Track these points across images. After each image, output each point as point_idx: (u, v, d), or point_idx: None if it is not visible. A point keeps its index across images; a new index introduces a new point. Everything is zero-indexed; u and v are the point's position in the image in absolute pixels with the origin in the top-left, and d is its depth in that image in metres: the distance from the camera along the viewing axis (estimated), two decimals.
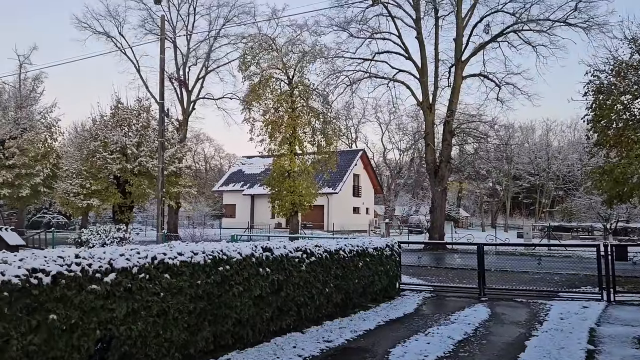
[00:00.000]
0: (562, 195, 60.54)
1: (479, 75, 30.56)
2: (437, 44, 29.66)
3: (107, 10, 36.71)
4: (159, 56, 19.15)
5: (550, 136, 66.90)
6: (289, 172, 27.81)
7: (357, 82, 30.74)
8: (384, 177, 67.48)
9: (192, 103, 37.81)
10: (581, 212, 41.98)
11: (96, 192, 24.52)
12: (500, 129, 39.39)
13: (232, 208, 50.49)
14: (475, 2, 28.95)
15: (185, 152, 31.73)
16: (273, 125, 27.88)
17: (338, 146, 31.96)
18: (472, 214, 72.19)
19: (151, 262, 5.42)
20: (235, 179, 51.86)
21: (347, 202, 47.64)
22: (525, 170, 63.09)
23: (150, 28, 36.95)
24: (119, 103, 26.08)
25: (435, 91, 29.97)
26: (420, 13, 29.34)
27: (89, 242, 17.62)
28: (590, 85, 16.83)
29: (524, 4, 27.98)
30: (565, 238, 33.68)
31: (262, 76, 28.41)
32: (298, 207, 28.09)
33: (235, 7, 37.23)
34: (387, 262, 11.28)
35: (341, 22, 29.66)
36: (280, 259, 7.49)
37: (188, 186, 28.76)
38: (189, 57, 37.56)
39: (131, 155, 24.56)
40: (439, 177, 28.88)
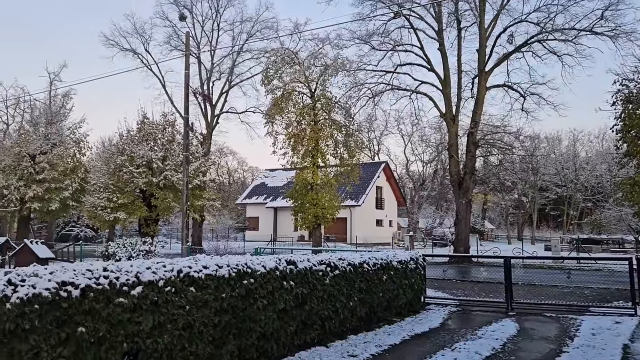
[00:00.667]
0: (591, 207, 59.07)
1: (503, 86, 30.22)
2: (460, 55, 29.49)
3: (134, 28, 37.68)
4: (183, 72, 19.49)
5: (577, 146, 65.64)
6: (312, 185, 27.86)
7: (379, 95, 30.73)
8: (407, 189, 67.02)
9: (216, 117, 38.33)
10: (611, 224, 40.86)
11: (123, 206, 24.95)
12: (526, 139, 38.67)
13: (255, 221, 50.73)
14: (498, 13, 28.74)
15: (209, 165, 32.10)
16: (295, 138, 28.05)
17: (360, 158, 31.93)
18: (498, 226, 70.96)
19: (177, 276, 5.47)
20: (258, 191, 52.18)
21: (370, 214, 47.41)
22: (552, 182, 61.83)
23: (176, 44, 37.76)
24: (145, 118, 26.60)
25: (459, 102, 29.73)
26: (442, 25, 29.25)
27: (116, 255, 17.90)
28: (618, 95, 16.50)
29: (548, 14, 27.66)
30: (595, 251, 32.80)
31: (284, 90, 28.68)
32: (321, 219, 28.07)
33: (258, 23, 37.82)
34: (412, 275, 11.14)
35: (363, 35, 29.77)
36: (304, 273, 7.47)
37: (212, 199, 29.05)
38: (213, 72, 38.19)
39: (157, 169, 24.97)
40: (463, 189, 28.52)
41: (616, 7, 25.65)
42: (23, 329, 3.92)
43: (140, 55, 37.72)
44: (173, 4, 37.71)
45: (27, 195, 29.78)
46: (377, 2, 29.62)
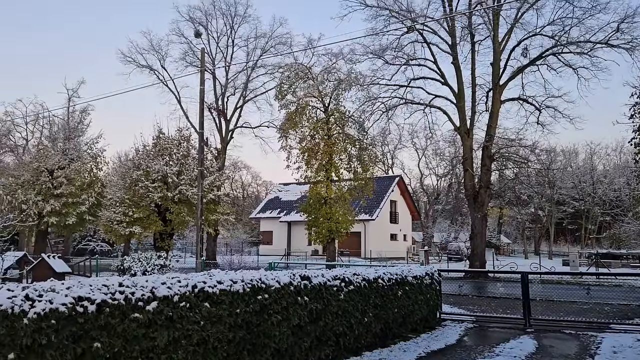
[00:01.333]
0: (610, 221, 58.07)
1: (517, 99, 30.04)
2: (474, 68, 29.43)
3: (151, 45, 38.35)
4: (198, 87, 19.76)
5: (594, 160, 64.77)
6: (326, 199, 27.85)
7: (392, 109, 30.72)
8: (421, 203, 66.62)
9: (230, 132, 38.67)
10: (631, 239, 40.11)
11: (138, 220, 25.17)
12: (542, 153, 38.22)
13: (269, 235, 50.76)
14: (512, 27, 28.69)
15: (223, 180, 32.32)
16: (309, 152, 28.14)
17: (374, 172, 31.88)
18: (514, 240, 70.04)
19: (192, 291, 5.47)
20: (272, 206, 52.27)
21: (384, 228, 47.15)
22: (569, 195, 61.00)
23: (191, 60, 38.33)
24: (161, 133, 26.94)
25: (473, 116, 29.59)
26: (456, 39, 29.27)
27: (131, 269, 18.00)
28: (636, 107, 16.31)
29: (563, 27, 27.53)
30: (615, 266, 32.13)
31: (298, 104, 28.86)
32: (335, 234, 27.99)
33: (272, 38, 38.28)
34: (427, 290, 11.02)
35: (376, 50, 29.89)
36: (318, 288, 7.43)
37: (226, 213, 29.18)
38: (228, 88, 38.62)
39: (172, 183, 25.20)
40: (479, 203, 28.26)
41: (632, 19, 25.48)
42: (40, 344, 3.94)
43: (157, 71, 38.38)
44: (189, 22, 38.41)
45: (45, 210, 30.22)
46: (390, 17, 29.81)
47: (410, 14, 29.49)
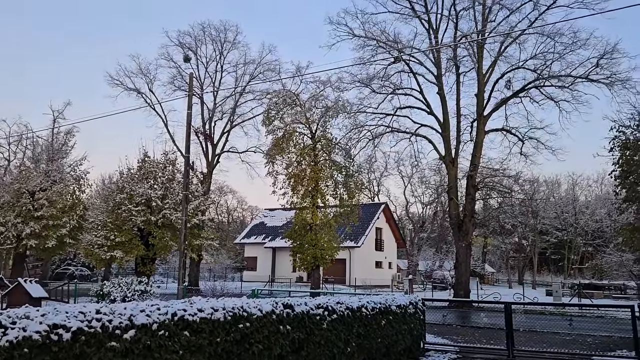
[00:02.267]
0: (592, 252, 58.65)
1: (501, 130, 30.56)
2: (459, 99, 29.98)
3: (139, 68, 38.45)
4: (186, 111, 19.77)
5: (576, 190, 65.73)
6: (311, 225, 27.75)
7: (379, 137, 31.05)
8: (406, 230, 66.67)
9: (216, 156, 38.63)
10: (612, 270, 40.48)
11: (120, 244, 24.78)
12: (525, 183, 38.83)
13: (253, 261, 50.24)
14: (495, 60, 29.40)
15: (208, 204, 32.11)
16: (295, 178, 28.15)
17: (360, 199, 31.93)
18: (498, 269, 70.19)
19: (171, 319, 5.36)
20: (257, 231, 51.90)
21: (369, 256, 46.99)
22: (552, 225, 61.61)
23: (179, 85, 38.50)
24: (146, 156, 26.79)
25: (458, 145, 30.01)
26: (441, 69, 29.86)
27: (111, 295, 17.61)
28: (616, 141, 16.70)
29: (544, 61, 28.29)
30: (597, 297, 32.31)
31: (285, 130, 28.99)
32: (320, 261, 27.80)
33: (261, 65, 38.70)
34: (411, 320, 10.93)
35: (363, 79, 30.35)
36: (301, 317, 7.33)
37: (210, 238, 28.89)
38: (215, 112, 38.74)
39: (155, 207, 24.94)
40: (463, 231, 28.40)
41: (611, 55, 26.28)
42: None
43: (144, 94, 38.42)
44: (178, 46, 38.72)
45: (24, 232, 29.60)
46: (377, 47, 30.40)
47: (397, 44, 30.13)
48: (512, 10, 28.76)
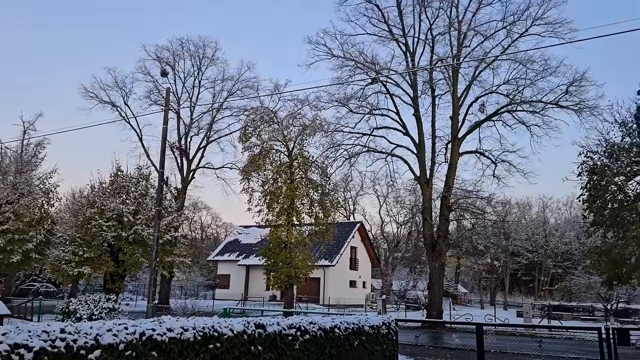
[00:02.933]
0: (561, 274, 59.73)
1: (475, 152, 31.13)
2: (434, 121, 30.52)
3: (115, 82, 38.00)
4: (161, 126, 19.57)
5: (547, 213, 67.14)
6: (286, 244, 27.58)
7: (355, 156, 31.27)
8: (381, 250, 66.85)
9: (192, 172, 38.25)
10: (581, 292, 41.26)
11: (88, 260, 24.13)
12: (497, 205, 39.47)
13: (226, 279, 49.54)
14: (470, 84, 30.11)
15: (182, 220, 31.64)
16: (271, 195, 28.03)
17: (336, 218, 31.94)
18: (471, 290, 70.82)
19: (139, 339, 5.23)
20: (231, 248, 51.31)
21: (343, 275, 46.86)
22: (523, 247, 62.66)
23: (156, 99, 38.17)
24: (119, 171, 26.33)
25: (433, 166, 30.43)
26: (417, 92, 30.41)
27: (77, 312, 17.08)
28: (584, 166, 17.16)
29: (517, 87, 29.11)
30: (566, 318, 32.84)
31: (262, 147, 28.94)
32: (294, 279, 27.58)
33: (239, 82, 38.72)
34: (384, 341, 10.89)
35: (341, 98, 30.65)
36: (273, 337, 7.23)
37: (183, 255, 28.39)
38: (192, 127, 38.46)
39: (127, 223, 24.45)
40: (437, 252, 28.63)
41: (580, 83, 27.20)
42: None
43: (119, 108, 37.95)
44: (156, 61, 38.48)
45: None
46: (355, 68, 30.82)
47: (374, 66, 30.58)
48: (486, 37, 29.63)
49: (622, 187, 16.24)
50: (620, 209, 15.80)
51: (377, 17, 30.90)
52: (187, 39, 39.33)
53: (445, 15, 30.11)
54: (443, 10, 30.04)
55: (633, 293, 37.79)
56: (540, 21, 27.89)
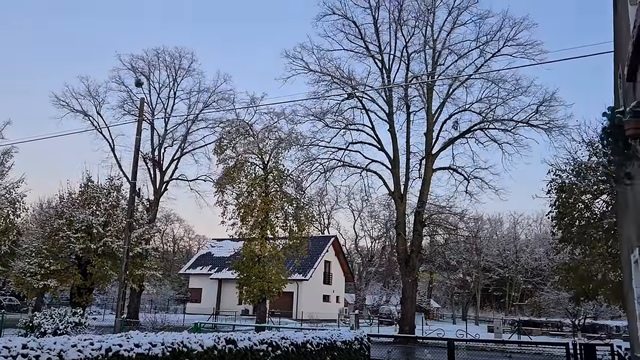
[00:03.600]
0: (531, 289, 60.77)
1: (448, 169, 31.57)
2: (409, 137, 30.92)
3: (88, 91, 37.28)
4: (135, 136, 19.29)
5: (517, 229, 68.38)
6: (259, 257, 27.36)
7: (330, 170, 31.36)
8: (355, 264, 66.89)
9: (165, 183, 37.70)
10: (550, 307, 42.00)
11: (55, 273, 23.45)
12: (470, 220, 40.06)
13: (198, 292, 48.75)
14: (444, 101, 30.66)
15: (153, 233, 31.11)
16: (245, 209, 27.84)
17: (310, 232, 31.87)
18: (443, 305, 71.34)
19: (105, 355, 5.09)
20: (204, 262, 50.59)
21: (317, 289, 46.65)
22: (495, 262, 63.59)
23: (129, 109, 37.62)
24: (90, 181, 25.79)
25: (407, 182, 30.72)
26: (392, 108, 30.80)
27: (41, 327, 16.49)
28: (553, 184, 17.56)
29: (489, 105, 29.78)
30: (535, 333, 33.33)
31: (237, 160, 28.78)
32: (267, 293, 27.33)
33: (215, 93, 38.49)
34: (356, 356, 10.86)
35: (317, 113, 30.79)
36: (244, 352, 7.13)
37: (154, 268, 27.86)
38: (166, 139, 37.99)
39: (96, 235, 23.89)
40: (410, 267, 28.80)
41: (549, 103, 28.00)
42: None
43: (92, 117, 37.24)
44: (130, 70, 38.00)
45: None
46: (332, 83, 31.09)
47: (350, 81, 30.90)
48: (460, 56, 30.31)
49: (589, 205, 16.70)
50: (587, 226, 16.21)
51: (354, 33, 31.35)
52: (163, 50, 38.94)
53: (420, 34, 30.73)
54: (418, 28, 30.67)
55: (599, 309, 38.63)
56: (512, 42, 28.71)
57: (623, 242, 9.26)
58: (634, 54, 5.20)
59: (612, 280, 14.94)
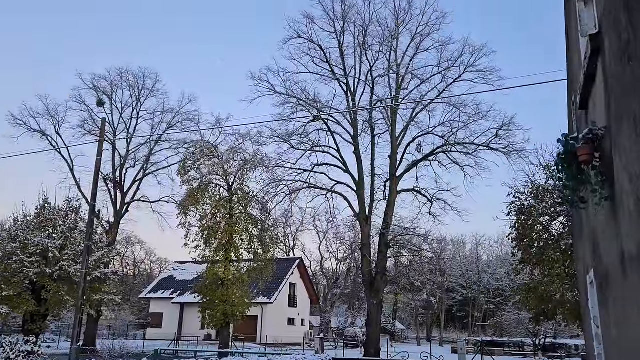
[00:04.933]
0: (493, 309, 61.77)
1: (412, 191, 32.04)
2: (374, 159, 31.32)
3: (47, 109, 36.25)
4: (95, 157, 18.82)
5: (479, 250, 69.68)
6: (223, 280, 26.85)
7: (296, 192, 31.35)
8: (320, 286, 66.48)
9: (126, 205, 36.81)
10: (511, 327, 42.73)
11: (7, 299, 22.36)
12: (433, 242, 40.56)
13: (159, 317, 47.31)
14: (407, 124, 31.31)
15: (113, 256, 30.17)
16: (209, 231, 27.39)
17: (275, 254, 31.59)
18: (408, 326, 71.55)
19: None
20: (165, 285, 49.28)
21: (282, 312, 46.05)
22: (458, 283, 64.46)
23: (90, 129, 36.74)
24: (46, 203, 24.93)
25: (372, 204, 30.98)
26: (357, 130, 31.21)
27: None
28: (512, 206, 18.05)
29: (451, 129, 30.58)
30: (498, 354, 33.77)
31: (201, 181, 28.41)
32: (230, 317, 26.78)
33: (179, 114, 38.12)
34: None
35: (283, 134, 30.88)
36: None
37: (113, 293, 26.97)
38: (128, 159, 37.23)
39: (52, 258, 22.99)
40: (375, 289, 28.85)
41: (508, 127, 29.00)
42: None
43: (50, 137, 36.19)
44: (92, 90, 37.25)
45: None
46: (297, 105, 31.32)
47: (316, 104, 31.23)
48: (423, 80, 31.14)
49: (547, 227, 17.24)
50: (545, 247, 16.69)
51: (319, 57, 31.80)
52: (127, 69, 38.38)
53: (385, 59, 31.46)
54: (383, 53, 31.40)
55: (559, 328, 39.55)
56: (472, 68, 29.72)
57: (579, 263, 9.57)
58: (586, 84, 5.45)
59: (570, 300, 15.38)
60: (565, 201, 5.64)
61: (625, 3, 3.44)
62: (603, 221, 5.24)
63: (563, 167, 4.84)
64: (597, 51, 4.68)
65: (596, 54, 4.73)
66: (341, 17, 31.26)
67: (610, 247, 4.86)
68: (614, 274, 4.78)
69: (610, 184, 4.42)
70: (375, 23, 31.14)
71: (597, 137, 4.61)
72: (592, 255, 6.59)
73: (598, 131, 4.61)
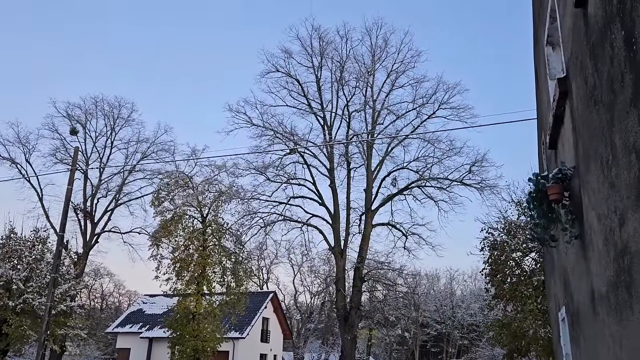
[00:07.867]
0: (467, 345, 61.51)
1: (387, 225, 32.20)
2: (349, 193, 31.50)
3: (17, 137, 35.57)
4: (66, 186, 18.43)
5: (454, 285, 69.77)
6: (194, 314, 26.18)
7: (271, 224, 31.17)
8: (294, 320, 65.33)
9: (96, 236, 35.95)
10: None
11: None
12: (408, 276, 40.58)
13: (126, 353, 45.49)
14: (383, 159, 31.71)
15: (80, 288, 29.20)
16: (182, 263, 26.84)
17: (248, 287, 31.06)
18: None
19: None
20: (134, 319, 47.62)
21: (254, 348, 44.86)
22: (432, 318, 64.19)
23: (62, 157, 36.07)
24: (12, 232, 24.13)
25: (347, 237, 30.96)
26: (333, 164, 31.44)
27: None
28: (485, 241, 18.26)
29: (426, 164, 31.10)
30: None
31: (175, 213, 28.00)
32: (200, 353, 25.99)
33: (154, 144, 37.85)
34: None
35: (259, 167, 30.89)
36: None
37: (78, 327, 25.98)
38: (100, 189, 36.57)
39: (16, 291, 22.11)
40: (349, 324, 28.52)
41: (481, 163, 29.68)
42: None
43: (20, 165, 35.39)
44: (66, 118, 36.76)
45: None
46: (274, 138, 31.48)
47: (293, 136, 31.45)
48: (398, 116, 31.78)
49: (519, 263, 17.45)
50: (518, 283, 16.85)
51: (297, 90, 32.23)
52: (102, 98, 38.07)
53: (361, 94, 32.09)
54: (359, 89, 32.03)
55: None
56: (446, 105, 30.54)
57: (551, 300, 9.67)
58: (554, 125, 5.64)
59: (543, 337, 15.46)
60: (536, 239, 5.73)
61: (591, 49, 3.61)
62: (573, 259, 5.34)
63: (534, 205, 4.95)
64: (564, 94, 4.87)
65: (564, 97, 4.92)
66: (319, 52, 31.93)
67: (581, 285, 4.93)
68: (584, 311, 4.84)
69: (579, 222, 4.52)
70: (352, 59, 31.88)
71: (567, 176, 4.74)
72: (564, 292, 6.68)
73: (567, 171, 4.75)
